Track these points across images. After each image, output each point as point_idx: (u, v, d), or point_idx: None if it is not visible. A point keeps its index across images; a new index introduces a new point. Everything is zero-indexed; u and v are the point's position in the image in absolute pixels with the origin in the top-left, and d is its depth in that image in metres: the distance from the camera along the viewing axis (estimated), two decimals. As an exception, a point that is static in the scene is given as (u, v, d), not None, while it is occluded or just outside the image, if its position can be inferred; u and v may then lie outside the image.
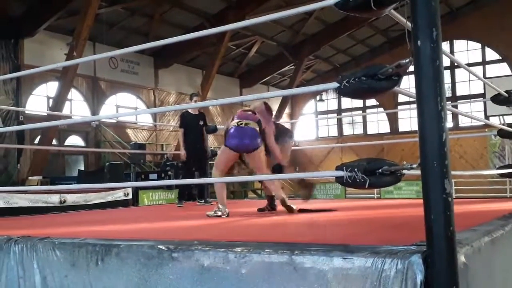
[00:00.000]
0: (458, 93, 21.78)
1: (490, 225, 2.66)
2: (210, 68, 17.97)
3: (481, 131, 15.76)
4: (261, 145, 4.70)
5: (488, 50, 21.42)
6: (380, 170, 2.02)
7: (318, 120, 25.41)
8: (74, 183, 11.73)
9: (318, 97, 24.89)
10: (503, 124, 5.67)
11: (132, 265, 2.24)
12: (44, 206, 8.64)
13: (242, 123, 4.70)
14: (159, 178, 13.71)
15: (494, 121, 13.37)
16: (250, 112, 4.85)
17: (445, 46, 20.69)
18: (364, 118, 24.15)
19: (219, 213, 4.40)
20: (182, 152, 7.31)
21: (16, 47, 14.34)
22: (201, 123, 7.63)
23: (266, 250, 1.97)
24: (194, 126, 7.44)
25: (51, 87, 15.14)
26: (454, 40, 21.74)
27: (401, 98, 21.85)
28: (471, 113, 14.02)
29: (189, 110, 7.58)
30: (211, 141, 18.86)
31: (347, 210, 4.98)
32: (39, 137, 13.99)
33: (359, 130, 24.64)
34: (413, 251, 1.76)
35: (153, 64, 18.94)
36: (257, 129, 4.72)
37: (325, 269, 1.83)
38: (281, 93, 3.86)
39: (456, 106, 14.62)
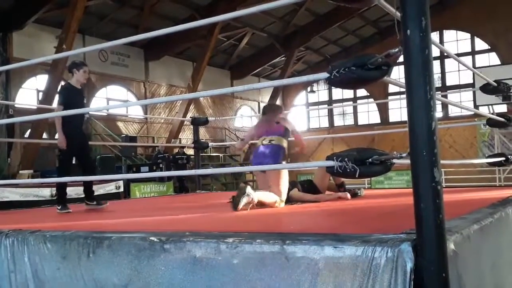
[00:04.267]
0: (448, 83, 21.86)
1: (479, 213, 2.68)
2: (201, 60, 17.90)
3: (470, 121, 15.84)
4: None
5: (477, 40, 21.48)
6: (370, 159, 2.03)
7: (309, 111, 25.44)
8: (65, 177, 11.67)
9: (309, 88, 24.89)
10: (492, 114, 5.71)
11: (124, 257, 2.24)
12: (35, 199, 8.61)
13: (266, 141, 4.49)
14: (151, 170, 13.67)
15: (483, 110, 13.44)
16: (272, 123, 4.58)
17: (435, 36, 20.71)
18: (355, 109, 24.17)
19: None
20: (61, 138, 5.30)
21: (4, 40, 14.19)
22: (85, 101, 5.98)
23: (257, 240, 1.98)
24: (77, 104, 5.39)
25: (40, 80, 15.00)
26: (444, 30, 21.76)
27: (392, 88, 21.90)
28: (460, 102, 14.08)
29: (72, 83, 5.56)
30: (202, 133, 18.79)
31: (338, 200, 4.98)
32: (29, 130, 13.88)
33: (349, 121, 24.70)
34: (403, 239, 1.77)
35: (143, 57, 18.81)
36: (281, 144, 4.48)
37: (316, 258, 1.84)
38: (271, 83, 3.84)
39: (445, 96, 14.64)
